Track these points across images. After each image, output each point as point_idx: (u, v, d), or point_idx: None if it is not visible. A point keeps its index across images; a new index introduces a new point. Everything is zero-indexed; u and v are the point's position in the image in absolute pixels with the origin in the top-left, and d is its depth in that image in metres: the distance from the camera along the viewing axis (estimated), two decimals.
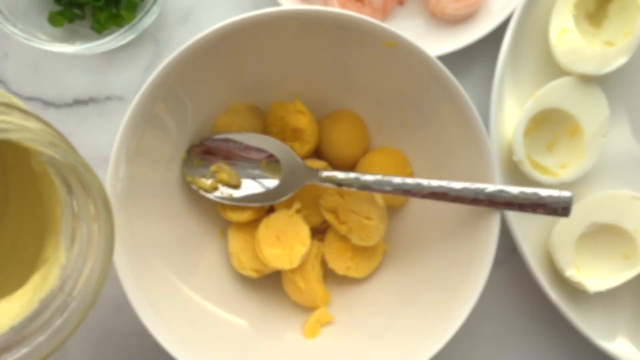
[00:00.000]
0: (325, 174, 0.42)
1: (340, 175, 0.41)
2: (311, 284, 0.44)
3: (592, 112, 0.45)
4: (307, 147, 0.45)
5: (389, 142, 0.47)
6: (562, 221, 0.46)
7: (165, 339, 0.38)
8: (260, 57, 0.42)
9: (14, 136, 0.25)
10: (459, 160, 0.42)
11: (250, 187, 0.44)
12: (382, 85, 0.44)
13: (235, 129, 0.44)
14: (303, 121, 0.44)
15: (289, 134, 0.45)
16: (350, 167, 0.47)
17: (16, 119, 0.26)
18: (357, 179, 0.40)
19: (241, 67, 0.42)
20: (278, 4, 0.48)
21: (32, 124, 0.26)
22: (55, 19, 0.47)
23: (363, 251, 0.45)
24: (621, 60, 0.44)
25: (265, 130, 0.46)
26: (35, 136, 0.26)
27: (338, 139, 0.46)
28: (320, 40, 0.41)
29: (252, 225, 0.45)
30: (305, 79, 0.45)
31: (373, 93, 0.45)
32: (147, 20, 0.46)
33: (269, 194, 0.43)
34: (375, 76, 0.43)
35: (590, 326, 0.46)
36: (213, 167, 0.44)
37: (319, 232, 0.47)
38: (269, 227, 0.43)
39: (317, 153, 0.48)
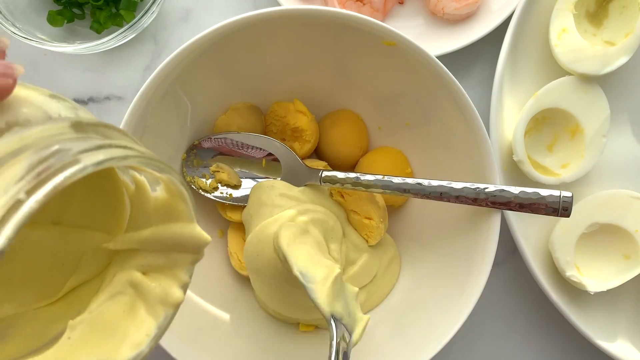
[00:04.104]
0: (325, 174, 0.42)
1: (340, 175, 0.41)
2: None
3: (592, 111, 0.45)
4: (307, 147, 0.45)
5: (389, 142, 0.47)
6: (562, 221, 0.46)
7: (165, 339, 0.38)
8: (260, 56, 0.42)
9: (133, 162, 0.22)
10: (459, 160, 0.42)
11: (250, 186, 0.44)
12: (382, 85, 0.43)
13: (235, 128, 0.44)
14: (303, 121, 0.44)
15: (288, 134, 0.45)
16: (350, 167, 0.47)
17: (124, 141, 0.23)
18: (357, 179, 0.40)
19: (241, 67, 0.42)
20: (278, 4, 0.48)
21: (137, 145, 0.24)
22: (54, 19, 0.47)
23: None
24: (622, 60, 0.44)
25: (265, 130, 0.46)
26: (149, 160, 0.23)
27: (338, 139, 0.46)
28: (320, 40, 0.41)
29: None
30: (305, 79, 0.45)
31: (373, 93, 0.45)
32: (146, 19, 0.46)
33: None
34: (375, 76, 0.43)
35: (590, 326, 0.46)
36: (213, 167, 0.44)
37: None
38: None
39: (317, 153, 0.48)
